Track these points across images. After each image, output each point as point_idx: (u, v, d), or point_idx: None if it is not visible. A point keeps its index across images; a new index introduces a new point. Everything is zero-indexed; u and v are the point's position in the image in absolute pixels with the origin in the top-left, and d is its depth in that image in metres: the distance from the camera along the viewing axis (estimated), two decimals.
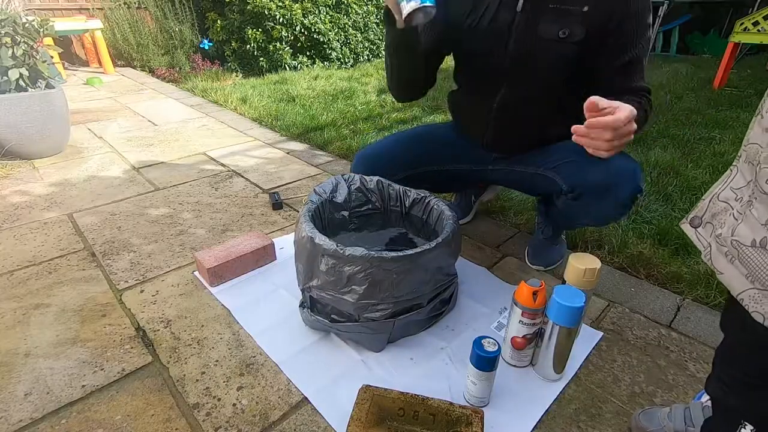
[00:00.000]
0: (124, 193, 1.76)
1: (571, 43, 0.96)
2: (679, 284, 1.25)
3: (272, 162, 2.12)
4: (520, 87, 1.06)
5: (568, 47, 0.96)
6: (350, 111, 2.87)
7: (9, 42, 1.85)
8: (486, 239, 1.48)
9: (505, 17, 1.00)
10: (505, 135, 1.16)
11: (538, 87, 1.05)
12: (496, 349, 0.80)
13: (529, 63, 1.01)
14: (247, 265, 1.26)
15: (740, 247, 0.51)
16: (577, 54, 0.97)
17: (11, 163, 2.02)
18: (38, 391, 0.89)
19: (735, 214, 0.53)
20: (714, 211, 0.57)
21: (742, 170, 0.55)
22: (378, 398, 0.83)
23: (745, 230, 0.51)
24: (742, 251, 0.51)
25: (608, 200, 0.99)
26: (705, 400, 0.77)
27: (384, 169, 1.22)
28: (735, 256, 0.52)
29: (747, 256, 0.50)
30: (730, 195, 0.56)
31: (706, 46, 5.17)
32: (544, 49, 0.98)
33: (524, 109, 1.09)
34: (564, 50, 0.97)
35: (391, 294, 0.91)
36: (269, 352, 0.99)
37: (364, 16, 4.48)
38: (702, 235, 0.59)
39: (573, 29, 0.95)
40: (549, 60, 0.99)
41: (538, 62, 1.00)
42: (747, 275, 0.51)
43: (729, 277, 0.53)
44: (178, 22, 4.25)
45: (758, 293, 0.50)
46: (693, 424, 0.76)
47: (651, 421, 0.81)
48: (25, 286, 1.20)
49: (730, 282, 0.53)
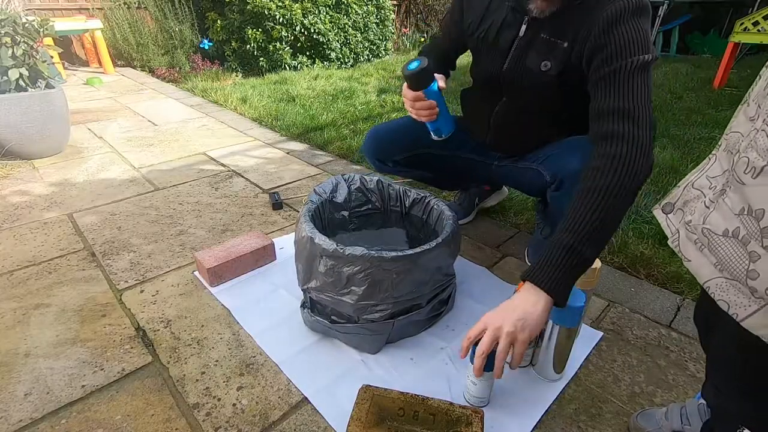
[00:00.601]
0: (124, 193, 1.76)
1: (552, 75, 0.98)
2: (679, 284, 1.25)
3: (272, 162, 2.12)
4: (517, 100, 1.09)
5: (549, 78, 0.99)
6: (350, 111, 2.87)
7: (9, 42, 1.85)
8: (486, 239, 1.48)
9: (507, 38, 1.03)
10: (504, 139, 1.19)
11: (532, 102, 1.07)
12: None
13: (518, 85, 1.04)
14: (247, 265, 1.26)
15: (711, 235, 0.51)
16: (557, 87, 0.99)
17: (11, 163, 2.01)
18: (38, 391, 0.89)
19: (707, 202, 0.53)
20: (686, 198, 0.57)
21: (720, 159, 0.55)
22: (378, 398, 0.82)
23: (718, 219, 0.51)
24: (712, 240, 0.51)
25: None
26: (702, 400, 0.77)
27: (393, 144, 1.26)
28: (705, 245, 0.52)
29: (717, 245, 0.50)
30: (705, 183, 0.56)
31: (706, 46, 5.17)
32: (528, 78, 1.01)
33: (522, 118, 1.12)
34: (546, 80, 0.99)
35: (391, 294, 0.91)
36: (269, 352, 0.99)
37: (364, 16, 4.48)
38: (671, 221, 0.59)
39: (553, 63, 0.97)
40: (534, 87, 1.02)
41: (525, 87, 1.04)
42: (716, 264, 0.50)
43: (697, 265, 0.53)
44: (178, 22, 4.25)
45: (725, 282, 0.49)
46: (689, 423, 0.76)
47: (648, 421, 0.81)
48: (25, 286, 1.20)
49: (697, 270, 0.53)
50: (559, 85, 0.99)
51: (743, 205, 0.48)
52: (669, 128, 2.52)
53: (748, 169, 0.47)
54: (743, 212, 0.48)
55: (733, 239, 0.48)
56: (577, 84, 0.95)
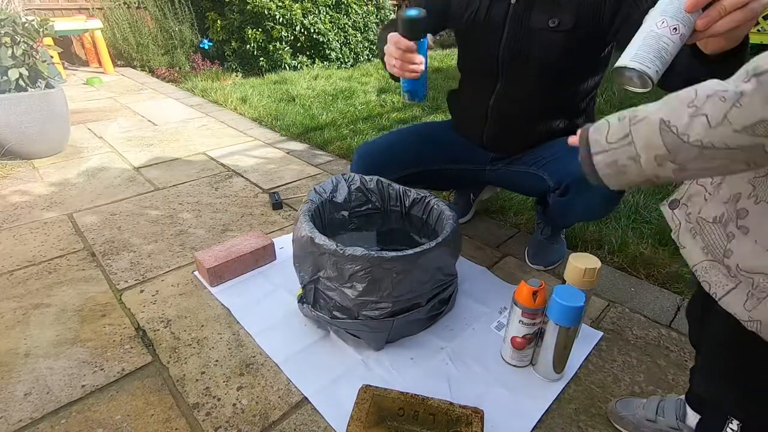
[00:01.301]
0: (124, 193, 1.76)
1: (562, 31, 0.95)
2: (679, 284, 1.25)
3: (272, 162, 2.12)
4: (515, 83, 1.06)
5: (559, 36, 0.96)
6: (350, 111, 2.87)
7: (9, 42, 1.85)
8: (486, 239, 1.48)
9: (499, 10, 1.01)
10: (502, 133, 1.16)
11: (533, 81, 1.05)
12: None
13: (522, 54, 1.01)
14: (247, 265, 1.26)
15: (703, 223, 0.54)
16: (569, 44, 0.97)
17: (11, 163, 2.01)
18: (38, 391, 0.89)
19: (706, 195, 0.55)
20: (691, 193, 0.59)
21: None
22: (378, 398, 0.83)
23: (711, 208, 0.53)
24: (704, 227, 0.54)
25: (593, 193, 0.99)
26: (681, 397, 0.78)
27: (383, 167, 1.22)
28: (698, 232, 0.55)
29: (707, 231, 0.53)
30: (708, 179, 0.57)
31: None
32: (535, 40, 0.98)
33: (520, 106, 1.10)
34: (555, 39, 0.97)
35: (391, 293, 0.91)
36: (269, 352, 0.99)
37: (364, 16, 4.48)
38: (676, 215, 0.60)
39: (563, 18, 0.95)
40: (541, 50, 0.99)
41: (531, 53, 1.00)
42: (703, 248, 0.53)
43: (689, 250, 0.56)
44: (177, 22, 4.25)
45: (708, 263, 0.52)
46: (663, 415, 0.78)
47: (626, 408, 0.83)
48: (25, 286, 1.20)
49: (689, 255, 0.56)
50: (567, 44, 0.96)
51: (732, 193, 0.50)
52: None
53: None
54: (730, 199, 0.50)
55: (718, 224, 0.51)
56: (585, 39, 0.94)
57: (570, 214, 1.12)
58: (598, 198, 1.01)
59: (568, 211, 1.10)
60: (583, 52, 0.99)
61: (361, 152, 1.25)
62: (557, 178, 1.06)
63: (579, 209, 1.07)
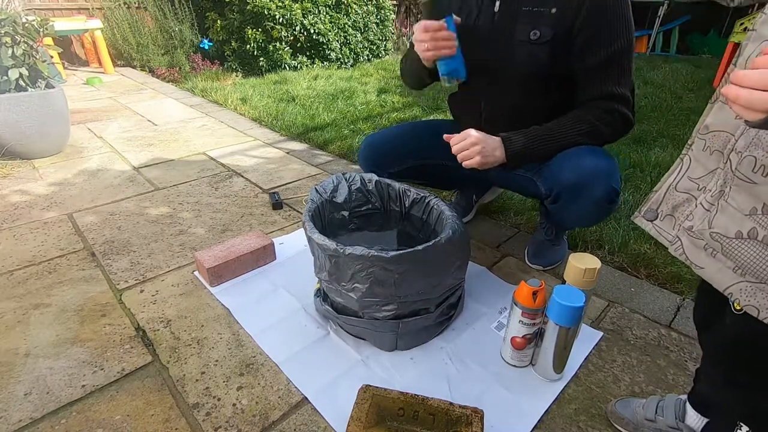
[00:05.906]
0: (124, 192, 1.76)
1: (542, 44, 0.97)
2: (679, 284, 1.25)
3: (272, 162, 2.12)
4: (502, 91, 1.08)
5: (540, 49, 0.98)
6: (350, 111, 2.87)
7: (9, 42, 1.85)
8: (486, 239, 1.48)
9: (485, 20, 1.03)
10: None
11: (518, 90, 1.06)
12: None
13: (506, 66, 1.03)
14: (247, 265, 1.26)
15: (722, 239, 0.50)
16: (549, 56, 0.99)
17: (11, 163, 2.01)
18: (38, 391, 0.89)
19: (704, 204, 0.52)
20: (674, 202, 0.56)
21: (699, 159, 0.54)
22: (378, 398, 0.82)
23: (725, 222, 0.49)
24: (725, 244, 0.49)
25: (584, 200, 1.00)
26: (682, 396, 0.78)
27: (389, 156, 1.25)
28: (718, 250, 0.51)
29: (733, 249, 0.49)
30: (690, 185, 0.54)
31: (706, 46, 5.16)
32: (518, 52, 1.00)
33: (509, 112, 1.11)
34: (536, 52, 0.99)
35: (394, 294, 0.91)
36: (269, 352, 0.99)
37: (363, 17, 4.47)
38: (663, 229, 0.57)
39: (543, 31, 0.97)
40: (523, 62, 1.01)
41: (513, 64, 1.02)
42: (735, 268, 0.49)
43: (712, 271, 0.52)
44: (177, 22, 4.25)
45: (750, 286, 0.48)
46: (663, 414, 0.77)
47: (625, 409, 0.83)
48: (25, 286, 1.20)
49: (713, 276, 0.52)
50: (548, 56, 0.99)
51: (754, 205, 0.46)
52: (669, 128, 2.52)
53: (756, 167, 0.46)
54: (756, 212, 0.46)
55: (752, 241, 0.47)
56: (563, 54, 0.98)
57: (565, 219, 1.13)
58: (590, 205, 1.00)
59: (563, 217, 1.11)
60: (565, 63, 1.00)
61: (368, 141, 1.29)
62: (548, 185, 1.06)
63: (573, 216, 1.08)
